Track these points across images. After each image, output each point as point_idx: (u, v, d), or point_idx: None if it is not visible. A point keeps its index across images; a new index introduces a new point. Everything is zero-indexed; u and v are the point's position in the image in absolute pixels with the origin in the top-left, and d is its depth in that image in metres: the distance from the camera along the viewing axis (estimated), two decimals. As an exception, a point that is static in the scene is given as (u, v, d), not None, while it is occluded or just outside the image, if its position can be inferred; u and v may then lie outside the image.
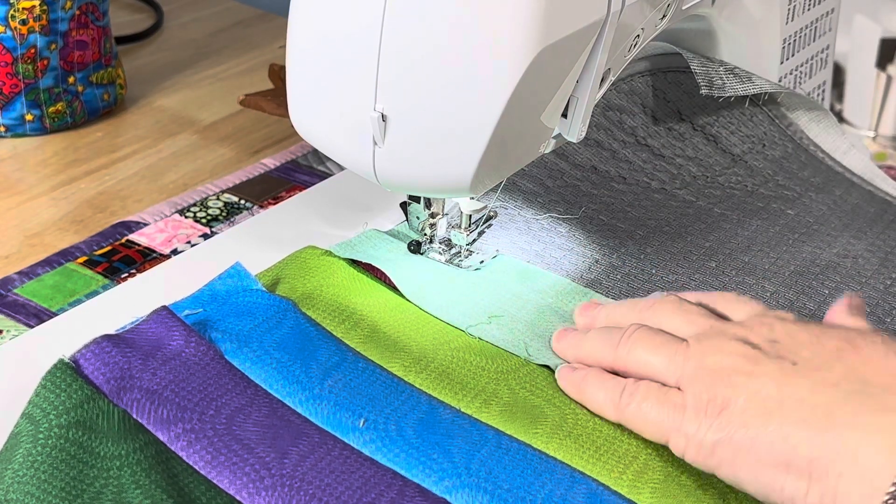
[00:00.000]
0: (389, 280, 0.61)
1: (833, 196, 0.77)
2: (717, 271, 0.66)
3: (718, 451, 0.47)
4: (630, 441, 0.51)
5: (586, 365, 0.54)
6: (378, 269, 0.62)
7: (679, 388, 0.49)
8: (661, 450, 0.51)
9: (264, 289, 0.58)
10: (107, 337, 0.53)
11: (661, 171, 0.76)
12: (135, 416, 0.50)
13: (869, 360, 0.46)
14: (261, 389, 0.52)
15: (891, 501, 0.41)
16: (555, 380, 0.55)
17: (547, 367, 0.56)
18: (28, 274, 0.65)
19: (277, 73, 0.85)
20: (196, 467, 0.48)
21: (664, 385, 0.50)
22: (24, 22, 0.78)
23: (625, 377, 0.52)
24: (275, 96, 0.82)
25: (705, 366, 0.49)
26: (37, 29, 0.79)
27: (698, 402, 0.48)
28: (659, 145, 0.78)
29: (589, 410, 0.53)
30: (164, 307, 0.55)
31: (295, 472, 0.48)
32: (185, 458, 0.48)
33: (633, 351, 0.52)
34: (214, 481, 0.48)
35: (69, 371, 0.50)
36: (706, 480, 0.50)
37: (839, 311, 0.53)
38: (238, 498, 0.47)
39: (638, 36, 0.59)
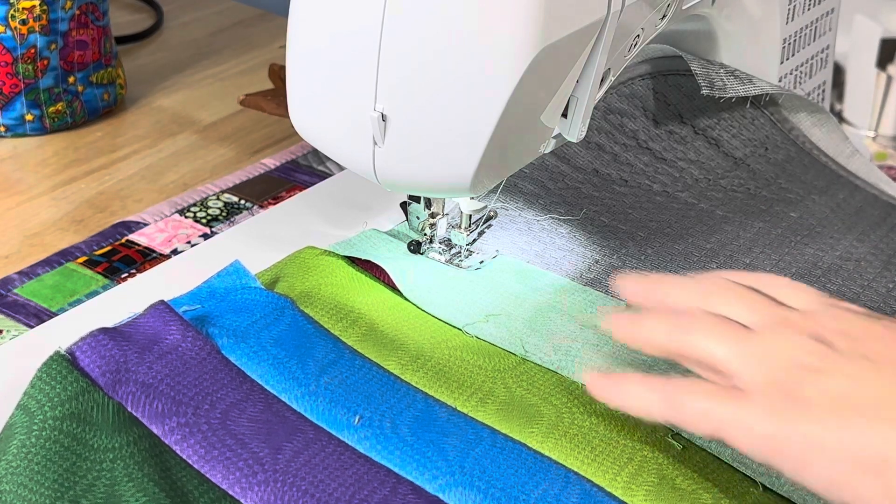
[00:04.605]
0: (388, 279, 0.61)
1: (836, 199, 0.77)
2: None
3: (782, 445, 0.44)
4: (626, 443, 0.51)
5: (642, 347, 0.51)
6: (377, 269, 0.62)
7: (740, 385, 0.47)
8: (657, 452, 0.51)
9: (262, 286, 0.58)
10: (103, 330, 0.53)
11: (662, 174, 0.76)
12: (129, 409, 0.50)
13: None
14: (256, 385, 0.52)
15: None
16: (552, 378, 0.55)
17: (544, 365, 0.56)
18: (28, 274, 0.65)
19: (277, 73, 0.85)
20: (190, 461, 0.48)
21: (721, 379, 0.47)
22: (24, 22, 0.78)
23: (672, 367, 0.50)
24: (275, 96, 0.82)
25: (772, 358, 0.47)
26: (37, 29, 0.79)
27: (765, 396, 0.46)
28: (660, 148, 0.78)
29: (584, 410, 0.53)
30: (162, 301, 0.55)
31: (288, 468, 0.48)
32: (178, 451, 0.49)
33: (696, 339, 0.48)
34: (207, 475, 0.48)
35: (65, 363, 0.50)
36: (701, 484, 0.50)
37: (805, 293, 0.50)
38: (231, 492, 0.47)
39: (638, 36, 0.59)
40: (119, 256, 0.67)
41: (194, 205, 0.73)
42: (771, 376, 0.46)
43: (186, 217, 0.72)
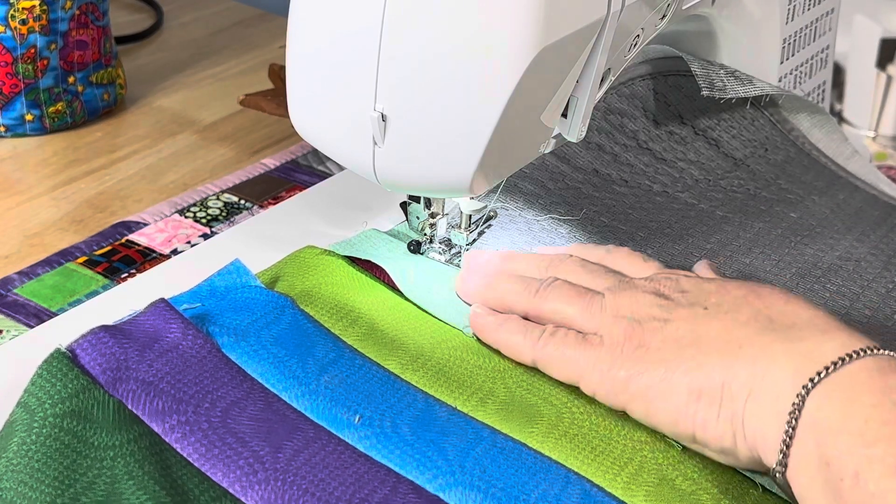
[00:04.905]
0: (388, 279, 0.61)
1: (836, 199, 0.77)
2: (718, 273, 0.65)
3: (632, 386, 0.50)
4: (626, 443, 0.51)
5: (496, 311, 0.57)
6: (377, 268, 0.62)
7: (594, 338, 0.53)
8: (657, 453, 0.51)
9: (263, 285, 0.58)
10: (104, 328, 0.53)
11: (662, 175, 0.76)
12: (130, 406, 0.50)
13: (772, 304, 0.51)
14: (257, 383, 0.52)
15: (795, 414, 0.45)
16: (552, 378, 0.54)
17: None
18: (28, 274, 0.65)
19: (277, 73, 0.85)
20: (190, 459, 0.48)
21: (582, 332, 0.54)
22: (24, 22, 0.78)
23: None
24: (275, 96, 0.82)
25: (621, 315, 0.52)
26: (37, 29, 0.79)
27: (614, 342, 0.51)
28: (660, 149, 0.78)
29: (584, 410, 0.53)
30: (162, 299, 0.55)
31: (288, 467, 0.48)
32: (179, 450, 0.48)
33: (548, 301, 0.55)
34: (208, 474, 0.48)
35: (65, 361, 0.50)
36: (701, 485, 0.49)
37: (706, 273, 0.59)
38: (231, 491, 0.47)
39: (638, 36, 0.59)
40: (119, 256, 0.67)
41: (194, 205, 0.73)
42: (619, 327, 0.52)
43: (186, 217, 0.72)
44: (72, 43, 0.81)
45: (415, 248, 0.63)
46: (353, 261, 0.63)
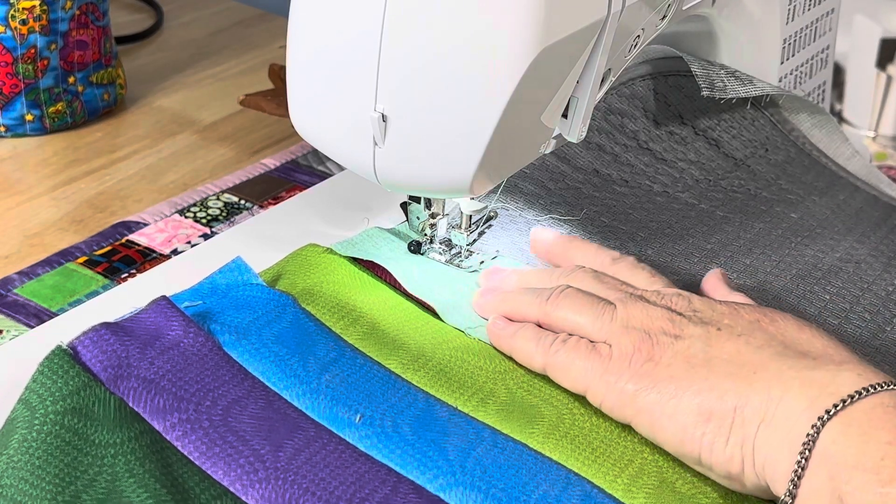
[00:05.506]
0: (390, 279, 0.61)
1: (836, 200, 0.77)
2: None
3: (639, 400, 0.50)
4: (626, 444, 0.51)
5: (512, 321, 0.57)
6: (379, 268, 0.62)
7: (604, 349, 0.52)
8: (657, 455, 0.51)
9: (264, 283, 0.58)
10: (105, 325, 0.53)
11: (662, 175, 0.76)
12: (131, 404, 0.50)
13: (785, 330, 0.51)
14: (258, 382, 0.52)
15: (809, 445, 0.45)
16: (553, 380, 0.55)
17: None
18: (28, 274, 0.65)
19: (277, 73, 0.85)
20: (191, 458, 0.48)
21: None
22: (24, 22, 0.78)
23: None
24: (275, 96, 0.82)
25: (631, 325, 0.52)
26: (37, 29, 0.79)
27: (623, 353, 0.51)
28: (661, 149, 0.78)
29: (585, 412, 0.53)
30: (164, 297, 0.55)
31: (289, 466, 0.48)
32: (179, 447, 0.49)
33: (560, 309, 0.55)
34: (209, 472, 0.48)
35: (67, 358, 0.50)
36: (700, 489, 0.49)
37: (717, 284, 0.59)
38: (231, 489, 0.47)
39: (638, 36, 0.59)
40: (119, 256, 0.67)
41: (194, 205, 0.73)
42: (629, 338, 0.51)
43: (186, 217, 0.72)
44: (72, 43, 0.81)
45: (415, 248, 0.63)
46: (355, 260, 0.63)
